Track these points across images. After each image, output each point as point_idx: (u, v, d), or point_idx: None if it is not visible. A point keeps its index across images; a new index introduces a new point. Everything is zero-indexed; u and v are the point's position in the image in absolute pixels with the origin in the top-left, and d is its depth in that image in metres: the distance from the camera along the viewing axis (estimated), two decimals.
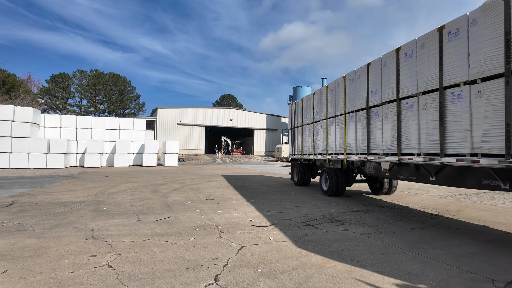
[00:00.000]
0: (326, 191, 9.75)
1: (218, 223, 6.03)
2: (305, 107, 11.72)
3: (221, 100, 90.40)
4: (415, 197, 9.71)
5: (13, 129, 21.75)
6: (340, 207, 7.88)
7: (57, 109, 68.05)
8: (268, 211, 7.25)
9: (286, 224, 5.99)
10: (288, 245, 4.66)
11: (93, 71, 73.03)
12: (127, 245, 4.60)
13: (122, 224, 5.86)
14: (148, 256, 4.11)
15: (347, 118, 8.61)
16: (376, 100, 7.30)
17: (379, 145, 7.20)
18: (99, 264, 3.81)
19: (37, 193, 9.82)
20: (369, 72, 7.60)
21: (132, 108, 75.28)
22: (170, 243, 4.71)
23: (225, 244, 4.68)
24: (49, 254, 4.15)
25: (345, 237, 5.15)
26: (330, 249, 4.47)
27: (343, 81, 8.83)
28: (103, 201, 8.43)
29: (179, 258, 4.05)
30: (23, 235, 5.04)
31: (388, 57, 6.91)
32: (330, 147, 9.58)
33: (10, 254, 4.13)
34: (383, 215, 6.95)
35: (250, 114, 50.43)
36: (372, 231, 5.52)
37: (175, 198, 9.02)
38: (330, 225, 5.97)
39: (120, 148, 25.28)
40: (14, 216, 6.39)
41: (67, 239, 4.84)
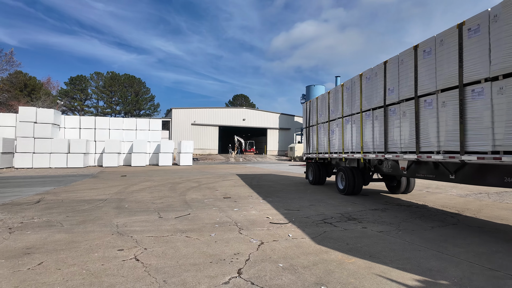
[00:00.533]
0: (342, 190, 9.75)
1: (237, 220, 6.16)
2: (320, 105, 11.72)
3: (233, 100, 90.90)
4: (433, 196, 9.58)
5: (36, 130, 22.59)
6: (357, 205, 7.88)
7: (75, 111, 70.08)
8: (285, 209, 7.33)
9: (303, 221, 6.06)
10: (307, 241, 4.74)
11: (109, 73, 74.90)
12: (151, 240, 4.78)
13: (145, 221, 6.07)
14: (172, 251, 4.27)
15: (363, 116, 8.59)
16: (393, 98, 7.27)
17: (397, 143, 7.16)
18: (127, 258, 3.99)
19: (61, 191, 10.21)
20: (386, 70, 7.56)
21: (147, 109, 76.70)
22: (192, 239, 4.86)
23: (245, 240, 4.80)
24: (80, 248, 4.37)
25: (364, 234, 5.18)
26: (349, 246, 4.52)
27: (359, 79, 8.81)
28: (124, 199, 8.70)
29: (202, 253, 4.19)
30: (53, 230, 5.30)
31: (405, 54, 6.87)
32: (346, 146, 9.57)
33: (44, 248, 4.37)
34: (401, 214, 6.92)
35: (263, 114, 50.55)
36: (390, 229, 5.53)
37: (193, 196, 9.22)
38: (347, 223, 6.00)
39: (137, 148, 25.85)
40: (43, 213, 6.71)
41: (94, 234, 5.07)
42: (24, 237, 4.90)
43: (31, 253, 4.15)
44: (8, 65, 46.28)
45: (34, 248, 4.36)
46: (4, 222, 5.81)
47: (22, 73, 53.53)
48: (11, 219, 6.07)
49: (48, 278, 3.33)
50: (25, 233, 5.13)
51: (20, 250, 4.27)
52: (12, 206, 7.39)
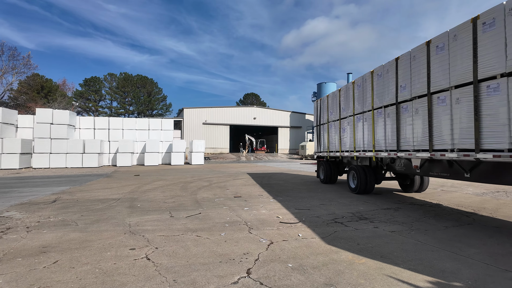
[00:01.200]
0: (354, 188, 9.63)
1: (247, 219, 6.18)
2: (331, 103, 11.60)
3: (244, 99, 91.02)
4: (448, 195, 9.36)
5: (52, 131, 23.20)
6: (369, 205, 7.78)
7: (89, 111, 71.63)
8: (295, 208, 7.30)
9: (314, 221, 6.02)
10: (317, 241, 4.71)
11: (122, 73, 76.21)
12: (163, 239, 4.85)
13: (156, 220, 6.16)
14: (182, 250, 4.32)
15: (375, 114, 8.46)
16: (405, 95, 7.13)
17: (410, 141, 7.02)
18: (138, 257, 4.06)
19: (76, 191, 10.47)
20: (398, 67, 7.42)
21: (159, 109, 77.68)
22: (202, 238, 4.91)
23: (255, 239, 4.81)
24: (93, 247, 4.47)
25: (375, 234, 5.11)
26: (360, 246, 4.47)
27: (370, 76, 8.67)
28: (137, 198, 8.85)
29: (212, 252, 4.22)
30: (68, 229, 5.44)
31: (417, 50, 6.72)
32: (358, 144, 9.45)
33: (59, 246, 4.50)
34: (415, 213, 6.79)
35: (274, 112, 50.44)
36: (403, 229, 5.43)
37: (204, 195, 9.29)
38: (359, 222, 5.94)
39: (150, 147, 26.22)
40: (58, 212, 6.89)
41: (107, 233, 5.18)
42: (41, 236, 5.05)
43: (47, 251, 4.28)
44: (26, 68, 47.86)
45: (49, 247, 4.49)
46: (22, 221, 6.00)
47: (39, 76, 55.08)
48: (28, 218, 6.26)
49: (62, 277, 3.42)
50: (41, 232, 5.28)
51: (37, 248, 4.41)
52: (30, 206, 7.62)
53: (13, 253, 4.20)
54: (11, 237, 4.95)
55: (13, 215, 6.56)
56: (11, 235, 5.09)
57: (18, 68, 46.63)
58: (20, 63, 46.55)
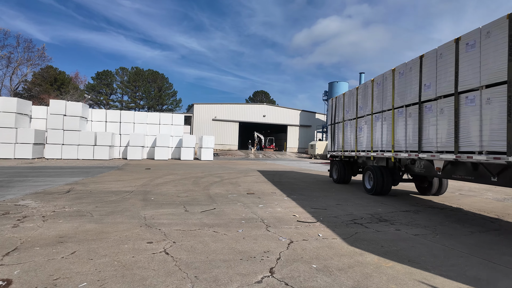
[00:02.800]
0: (369, 189, 9.41)
1: (263, 216, 6.04)
2: (347, 102, 11.36)
3: (254, 96, 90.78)
4: (468, 199, 9.07)
5: (65, 123, 23.43)
6: (387, 206, 7.56)
7: (101, 105, 72.37)
8: (311, 207, 7.13)
9: (332, 221, 5.85)
10: (339, 242, 4.54)
11: (134, 68, 76.68)
12: (179, 233, 4.75)
13: (171, 214, 6.07)
14: (201, 245, 4.21)
15: (395, 113, 8.21)
16: (430, 94, 6.87)
17: (433, 142, 6.78)
18: (156, 251, 3.96)
19: (89, 182, 10.49)
20: (422, 65, 7.16)
21: (169, 104, 78.01)
22: (219, 234, 4.79)
23: (274, 237, 4.66)
24: (110, 239, 4.39)
25: (398, 237, 4.92)
26: (385, 249, 4.29)
27: (391, 74, 8.42)
28: (150, 191, 8.80)
29: (231, 249, 4.10)
30: (83, 220, 5.39)
31: (445, 48, 6.46)
32: (376, 144, 9.21)
33: (75, 237, 4.43)
34: (436, 217, 6.56)
35: (284, 110, 50.13)
36: (426, 233, 5.23)
37: (216, 191, 9.19)
38: (379, 224, 5.74)
39: (160, 142, 26.31)
40: (73, 203, 6.87)
41: (123, 226, 5.10)
42: (57, 225, 5.00)
43: (64, 242, 4.21)
44: (40, 60, 48.58)
45: (66, 237, 4.42)
46: (38, 210, 5.98)
47: (52, 68, 55.78)
48: (44, 208, 6.24)
49: (81, 268, 3.34)
50: (57, 221, 5.24)
51: (54, 238, 4.35)
52: (45, 195, 7.63)
53: (30, 242, 4.15)
54: (27, 226, 4.91)
55: (29, 204, 6.55)
56: (28, 223, 5.06)
57: (32, 60, 47.38)
58: (35, 55, 47.30)
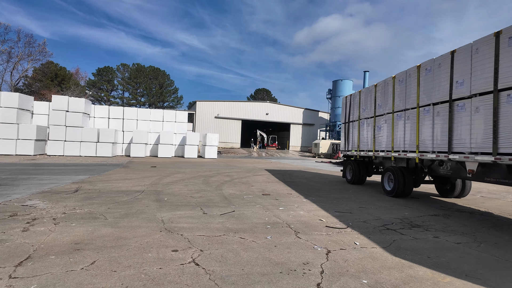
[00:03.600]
0: (389, 191, 9.02)
1: (288, 221, 5.65)
2: (364, 100, 10.96)
3: (255, 94, 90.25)
4: (493, 202, 8.69)
5: (67, 119, 22.98)
6: (413, 210, 7.18)
7: (101, 101, 71.83)
8: (335, 211, 6.75)
9: (363, 227, 5.47)
10: (380, 252, 4.16)
11: (135, 64, 76.07)
12: (204, 240, 4.36)
13: (190, 217, 5.68)
14: (231, 255, 3.82)
15: (421, 112, 7.81)
16: (463, 92, 6.48)
17: (465, 142, 6.39)
18: (184, 261, 3.57)
19: (96, 180, 10.09)
20: (454, 61, 6.76)
21: (171, 101, 77.58)
22: (247, 241, 4.40)
23: (308, 246, 4.28)
24: (130, 246, 4.00)
25: (441, 246, 4.54)
26: (433, 260, 3.91)
27: (416, 71, 8.02)
28: (161, 191, 8.41)
29: (266, 259, 3.71)
30: (98, 223, 5.00)
31: (482, 42, 6.05)
32: (397, 144, 8.81)
33: (92, 243, 4.04)
34: (469, 222, 6.18)
35: (287, 108, 49.70)
36: (468, 241, 4.85)
37: (230, 191, 8.80)
38: (413, 230, 5.36)
39: (164, 139, 25.88)
40: (83, 203, 6.48)
41: (141, 230, 4.71)
42: (70, 229, 4.61)
43: (81, 249, 3.83)
44: (41, 55, 48.00)
45: (82, 243, 4.04)
46: (47, 212, 5.59)
47: (53, 63, 55.24)
48: (53, 209, 5.85)
49: (106, 283, 2.95)
50: (70, 225, 4.85)
51: (69, 245, 3.96)
52: (52, 195, 7.23)
53: (44, 249, 3.76)
54: (38, 230, 4.52)
55: (37, 204, 6.16)
56: (39, 227, 4.67)
57: (33, 55, 46.78)
58: (35, 50, 46.71)
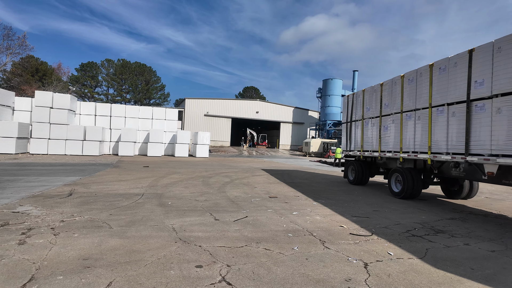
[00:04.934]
0: (397, 193, 8.82)
1: (308, 228, 5.30)
2: (368, 99, 10.73)
3: (244, 92, 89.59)
4: (500, 204, 8.63)
5: (52, 116, 21.88)
6: (427, 213, 6.97)
7: (85, 97, 69.55)
8: (351, 215, 6.45)
9: (387, 233, 5.18)
10: (420, 264, 3.86)
11: (120, 60, 74.03)
12: (227, 252, 3.95)
13: (202, 224, 5.24)
14: (263, 271, 3.43)
15: (433, 112, 7.61)
16: (483, 92, 6.28)
17: (485, 144, 6.20)
18: (214, 279, 3.15)
19: (89, 182, 9.45)
20: (473, 60, 6.56)
21: (157, 98, 75.93)
22: (274, 253, 4.02)
23: (341, 258, 3.93)
24: (147, 261, 3.54)
25: (476, 254, 4.29)
26: (478, 273, 3.63)
27: (428, 70, 7.81)
28: (162, 194, 7.89)
29: (304, 276, 3.34)
30: (103, 233, 4.49)
31: (506, 41, 5.86)
32: (406, 144, 8.60)
33: (103, 259, 3.56)
34: (489, 226, 6.01)
35: (277, 107, 49.45)
36: (500, 248, 4.63)
37: (235, 194, 8.37)
38: (439, 236, 5.11)
39: (154, 137, 25.08)
40: (81, 209, 5.91)
41: (154, 241, 4.24)
42: (73, 241, 4.09)
43: (91, 266, 3.34)
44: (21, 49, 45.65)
45: (91, 259, 3.55)
46: (43, 220, 5.02)
47: (34, 58, 52.89)
48: (49, 216, 5.28)
49: None
50: (72, 235, 4.33)
51: (76, 261, 3.46)
52: (45, 199, 6.62)
53: (48, 267, 3.25)
54: (37, 242, 3.99)
55: (29, 211, 5.56)
56: (36, 238, 4.13)
57: (12, 48, 44.46)
58: (15, 44, 44.38)
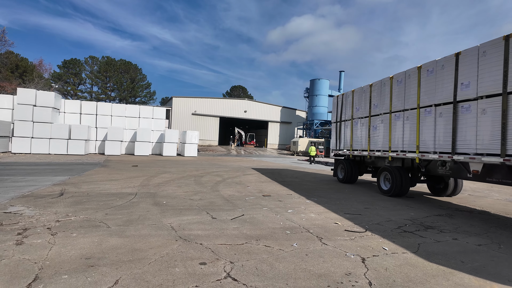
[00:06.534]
0: (387, 191, 9.09)
1: (304, 225, 5.43)
2: (358, 99, 10.99)
3: (231, 91, 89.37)
4: (482, 201, 9.04)
5: (35, 114, 21.24)
6: (416, 210, 7.24)
7: (68, 95, 67.66)
8: (343, 212, 6.63)
9: (380, 230, 5.36)
10: (414, 258, 4.04)
11: (105, 57, 72.40)
12: (228, 250, 4.01)
13: (199, 222, 5.28)
14: (266, 267, 3.52)
15: (421, 112, 7.89)
16: (469, 94, 6.58)
17: (471, 144, 6.50)
18: (219, 276, 3.22)
19: (79, 181, 9.28)
20: (459, 63, 6.85)
21: (143, 96, 74.77)
22: (274, 249, 4.11)
23: (339, 254, 4.07)
24: (151, 259, 3.57)
25: (465, 248, 4.52)
26: (469, 265, 3.84)
27: (417, 72, 8.09)
28: (156, 193, 7.86)
29: (305, 271, 3.45)
30: (102, 233, 4.47)
31: (490, 45, 6.15)
32: (395, 144, 8.88)
33: (106, 258, 3.56)
34: (474, 222, 6.31)
35: (265, 106, 49.61)
36: (486, 242, 4.89)
37: (228, 193, 8.43)
38: (429, 232, 5.34)
39: (141, 136, 24.74)
40: (75, 209, 5.84)
41: (155, 240, 4.26)
42: (73, 241, 4.06)
43: (95, 265, 3.34)
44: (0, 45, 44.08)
45: (94, 258, 3.54)
46: (38, 220, 4.94)
47: (13, 54, 51.02)
48: (43, 216, 5.19)
49: None
50: (70, 235, 4.29)
51: (79, 260, 3.45)
52: (36, 199, 6.48)
53: (51, 267, 3.24)
54: (35, 242, 3.94)
55: (22, 211, 5.46)
56: (34, 238, 4.07)
57: None
58: None
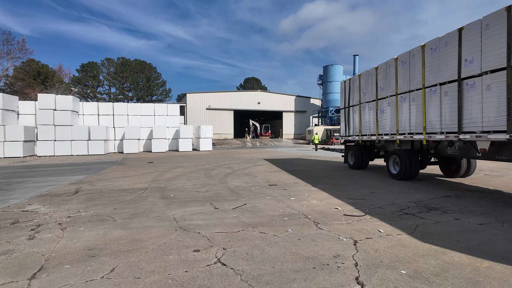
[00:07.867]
0: (396, 174, 8.96)
1: (303, 211, 5.50)
2: (364, 83, 10.78)
3: (245, 84, 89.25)
4: (498, 180, 8.73)
5: (56, 117, 22.23)
6: (423, 192, 7.12)
7: (88, 98, 70.01)
8: (347, 198, 6.63)
9: (381, 213, 5.35)
10: (408, 239, 4.03)
11: (120, 58, 74.03)
12: (224, 237, 4.16)
13: (202, 213, 5.47)
14: (257, 252, 3.64)
15: (427, 92, 7.67)
16: (473, 70, 6.33)
17: (477, 122, 6.29)
18: (210, 261, 3.37)
19: (95, 180, 9.74)
20: (462, 38, 6.59)
21: (159, 95, 76.12)
22: (269, 235, 4.22)
23: (333, 237, 4.12)
24: (148, 249, 3.77)
25: (465, 228, 4.45)
26: (463, 244, 3.80)
27: (421, 51, 7.84)
28: (165, 187, 8.14)
29: (294, 254, 3.54)
30: (107, 226, 4.74)
31: (493, 18, 5.88)
32: (402, 126, 8.69)
33: (107, 248, 3.80)
34: (483, 201, 6.14)
35: (278, 96, 49.37)
36: (490, 221, 4.78)
37: (235, 184, 8.60)
38: (432, 213, 5.27)
39: (157, 133, 25.37)
40: (87, 205, 6.18)
41: (156, 231, 4.48)
42: (79, 234, 4.34)
43: (96, 255, 3.58)
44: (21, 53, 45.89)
45: (96, 249, 3.79)
46: (51, 217, 5.29)
47: (34, 61, 53.26)
48: (56, 213, 5.55)
49: None
50: (78, 229, 4.58)
51: (82, 251, 3.71)
52: (52, 198, 6.90)
53: (56, 258, 3.50)
54: (46, 237, 4.24)
55: (38, 209, 5.84)
56: (45, 233, 4.39)
57: (13, 53, 44.73)
58: (15, 48, 44.64)
